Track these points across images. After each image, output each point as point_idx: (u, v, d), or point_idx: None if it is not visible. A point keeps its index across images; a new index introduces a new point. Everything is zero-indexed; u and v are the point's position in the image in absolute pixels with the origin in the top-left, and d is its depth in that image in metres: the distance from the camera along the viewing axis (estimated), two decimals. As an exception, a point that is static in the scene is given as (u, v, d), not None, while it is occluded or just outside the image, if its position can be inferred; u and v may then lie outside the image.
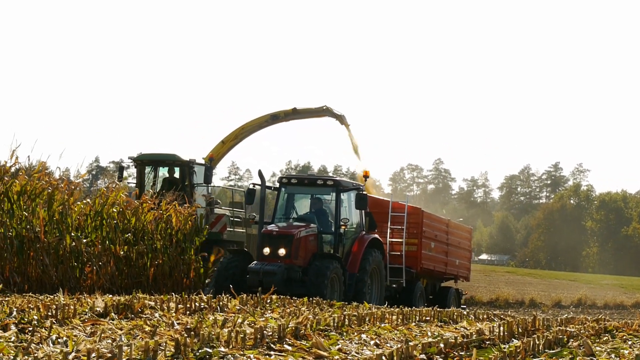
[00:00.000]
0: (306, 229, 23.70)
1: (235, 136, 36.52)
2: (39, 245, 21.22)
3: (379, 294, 24.99)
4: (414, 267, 27.12)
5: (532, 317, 14.34)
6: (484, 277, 68.33)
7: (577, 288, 61.38)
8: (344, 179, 25.43)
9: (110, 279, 22.56)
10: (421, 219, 27.61)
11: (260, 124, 37.03)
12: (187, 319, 11.96)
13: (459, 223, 33.22)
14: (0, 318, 10.32)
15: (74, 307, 11.35)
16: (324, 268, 22.62)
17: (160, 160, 28.93)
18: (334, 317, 12.70)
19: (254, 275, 22.78)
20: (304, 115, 37.78)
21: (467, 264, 32.09)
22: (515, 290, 54.11)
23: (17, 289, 19.65)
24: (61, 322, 10.69)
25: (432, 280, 29.60)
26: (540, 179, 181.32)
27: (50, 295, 15.69)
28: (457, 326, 14.58)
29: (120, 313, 12.01)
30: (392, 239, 26.90)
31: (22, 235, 20.97)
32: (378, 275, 25.00)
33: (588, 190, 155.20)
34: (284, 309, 14.74)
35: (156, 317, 12.00)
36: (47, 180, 22.22)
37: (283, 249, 23.14)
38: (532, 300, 49.99)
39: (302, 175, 25.49)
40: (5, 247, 20.47)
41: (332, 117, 37.61)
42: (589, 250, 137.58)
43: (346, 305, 17.33)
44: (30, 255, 21.14)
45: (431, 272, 28.49)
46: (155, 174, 28.96)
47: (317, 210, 24.67)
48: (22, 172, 21.77)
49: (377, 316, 13.97)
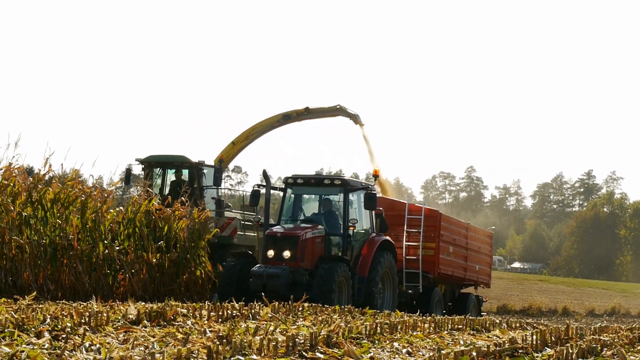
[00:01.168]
0: (313, 230, 22.79)
1: (246, 137, 35.40)
2: (72, 253, 21.36)
3: (391, 299, 24.13)
4: (431, 272, 26.36)
5: (565, 325, 14.25)
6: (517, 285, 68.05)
7: (611, 296, 60.97)
8: (353, 178, 24.50)
9: (143, 286, 22.66)
10: (439, 222, 26.82)
11: (272, 124, 35.89)
12: (219, 327, 11.97)
13: (479, 227, 32.60)
14: (34, 325, 10.38)
15: (106, 315, 11.40)
16: (332, 271, 21.74)
17: (168, 162, 28.07)
18: (365, 325, 12.68)
19: (257, 278, 21.86)
20: (317, 115, 36.55)
21: (488, 269, 31.29)
22: (548, 299, 53.81)
23: (50, 296, 19.78)
24: (94, 329, 10.73)
25: (451, 286, 28.86)
26: (573, 187, 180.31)
27: (84, 302, 15.76)
28: (489, 334, 14.51)
29: (153, 320, 12.04)
30: (408, 243, 26.15)
31: (56, 242, 21.12)
32: (390, 280, 24.10)
33: (622, 198, 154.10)
34: (316, 317, 14.73)
35: (188, 325, 12.02)
36: (81, 188, 22.37)
37: (288, 251, 22.20)
38: (565, 308, 49.67)
39: (309, 175, 24.61)
40: (39, 255, 20.62)
41: (345, 116, 36.51)
42: (623, 258, 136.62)
43: (378, 313, 17.28)
44: (63, 262, 21.29)
45: (449, 277, 27.74)
46: (164, 177, 28.11)
47: (325, 211, 23.80)
48: (55, 180, 21.93)
49: (409, 324, 13.93)
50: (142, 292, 22.44)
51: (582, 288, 74.31)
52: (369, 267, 23.22)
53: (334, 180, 23.70)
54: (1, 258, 19.96)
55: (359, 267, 23.22)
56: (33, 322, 10.54)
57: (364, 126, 36.65)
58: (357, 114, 36.57)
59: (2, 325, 10.02)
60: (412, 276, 25.88)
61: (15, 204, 20.81)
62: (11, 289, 19.64)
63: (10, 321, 10.30)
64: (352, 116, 36.49)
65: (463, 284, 29.55)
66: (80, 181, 23.04)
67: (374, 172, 25.47)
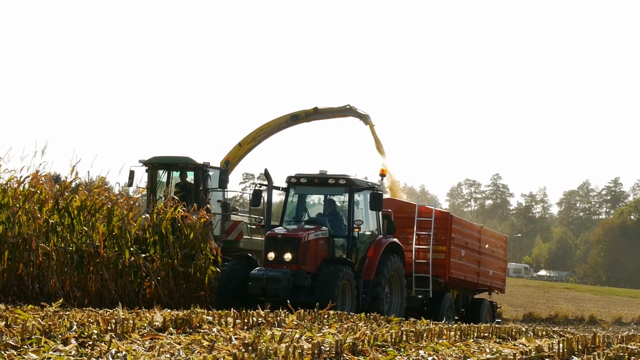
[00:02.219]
0: (316, 231, 21.87)
1: (253, 138, 34.30)
2: (99, 260, 21.46)
3: (399, 304, 23.22)
4: (441, 276, 25.47)
5: (592, 334, 14.18)
6: (543, 293, 67.70)
7: (638, 305, 60.56)
8: (359, 177, 23.36)
9: (169, 293, 22.71)
10: (450, 224, 25.87)
11: (280, 124, 34.73)
12: (245, 334, 11.99)
13: (493, 230, 31.95)
14: (60, 332, 10.43)
15: (133, 322, 11.44)
16: (334, 274, 20.87)
17: (172, 163, 26.93)
18: (391, 332, 12.66)
19: (256, 282, 21.01)
20: (326, 115, 35.41)
21: (502, 274, 30.22)
22: (575, 307, 53.52)
23: (77, 303, 19.88)
24: (120, 336, 10.77)
25: (464, 291, 27.90)
26: (600, 194, 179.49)
27: (110, 309, 15.83)
28: (515, 343, 14.45)
29: (179, 328, 12.07)
30: (418, 246, 25.31)
31: (82, 250, 21.24)
32: (398, 284, 23.19)
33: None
34: (341, 325, 14.72)
35: (214, 332, 12.04)
36: (107, 195, 22.47)
37: (289, 254, 21.28)
38: (592, 317, 49.36)
39: (312, 174, 23.25)
40: (66, 262, 20.74)
41: (355, 116, 35.22)
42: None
43: (404, 321, 17.24)
44: (89, 269, 21.40)
45: (461, 282, 26.84)
46: (169, 179, 27.09)
47: (330, 212, 22.86)
48: (82, 188, 22.05)
49: (434, 332, 13.89)
50: (168, 299, 22.49)
51: (608, 296, 73.86)
52: (375, 270, 22.39)
53: (339, 180, 22.70)
54: (28, 265, 20.09)
55: (365, 270, 22.40)
56: (60, 329, 10.59)
57: (374, 126, 35.31)
58: (367, 114, 35.36)
59: (29, 332, 10.08)
60: (422, 280, 25.05)
61: (42, 212, 20.94)
62: (38, 296, 19.76)
63: (38, 328, 10.35)
64: (362, 116, 35.27)
65: (476, 290, 28.71)
66: (107, 188, 23.15)
67: (380, 171, 24.19)
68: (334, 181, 22.67)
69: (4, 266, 19.79)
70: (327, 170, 23.00)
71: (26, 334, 9.97)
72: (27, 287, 20.03)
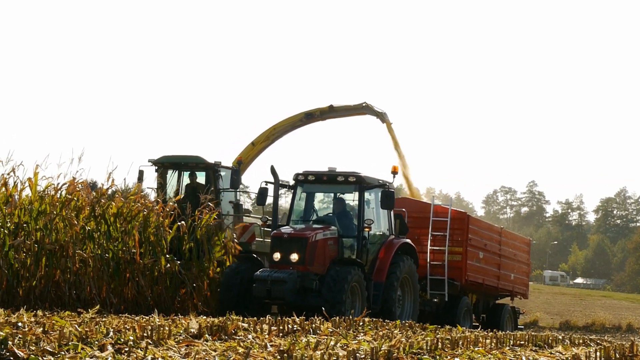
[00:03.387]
0: (324, 231, 20.99)
1: (267, 137, 33.18)
2: (135, 267, 21.56)
3: (412, 308, 22.35)
4: (457, 279, 24.52)
5: (629, 342, 14.06)
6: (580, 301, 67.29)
7: (677, 313, 60.01)
8: (370, 175, 22.22)
9: (204, 300, 22.76)
10: (466, 225, 24.88)
11: (294, 123, 33.53)
12: (280, 341, 11.99)
13: (515, 233, 30.88)
14: (97, 338, 10.48)
15: (168, 328, 11.48)
16: (343, 276, 20.04)
17: (182, 163, 25.94)
18: (426, 340, 12.62)
19: (261, 283, 20.21)
20: (341, 113, 34.14)
21: (525, 279, 29.08)
22: (612, 315, 53.10)
23: (113, 309, 19.98)
24: (156, 342, 10.81)
25: (484, 296, 27.04)
26: (637, 201, 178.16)
27: (146, 316, 15.90)
28: (552, 351, 14.36)
29: (214, 334, 12.10)
30: (433, 247, 24.38)
31: (119, 256, 21.36)
32: (410, 286, 22.33)
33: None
34: (377, 332, 14.69)
35: (249, 339, 12.05)
36: (143, 202, 22.56)
37: (296, 254, 20.42)
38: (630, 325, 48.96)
39: (321, 171, 22.24)
40: (102, 268, 20.85)
41: (372, 114, 33.80)
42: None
43: (439, 328, 17.19)
44: (126, 276, 21.51)
45: (480, 286, 25.84)
46: (180, 179, 26.06)
47: (339, 211, 21.98)
48: (118, 195, 22.16)
49: (470, 340, 13.84)
50: (203, 305, 22.55)
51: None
52: (386, 272, 21.54)
53: (348, 177, 21.75)
54: (65, 272, 20.24)
55: (376, 272, 21.58)
56: (96, 335, 10.65)
57: (391, 125, 33.92)
58: (385, 112, 33.96)
59: (66, 339, 10.14)
60: (437, 283, 24.20)
61: (79, 218, 21.08)
62: (75, 302, 19.91)
63: (74, 334, 10.42)
64: (379, 114, 33.85)
65: (497, 294, 27.77)
66: (143, 195, 23.25)
67: (392, 168, 22.68)
68: (343, 178, 21.81)
69: (42, 273, 19.95)
70: (336, 167, 22.22)
71: (63, 340, 10.03)
72: (64, 294, 20.18)
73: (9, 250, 19.46)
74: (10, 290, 19.34)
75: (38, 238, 20.04)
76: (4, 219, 19.73)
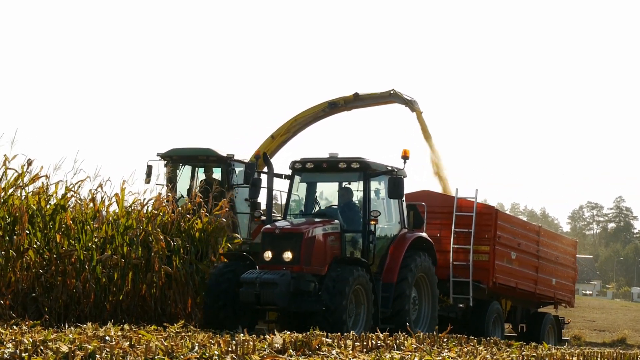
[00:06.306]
0: (323, 225, 18.65)
1: (287, 129, 30.39)
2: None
3: (429, 312, 19.94)
4: (484, 282, 22.09)
5: None
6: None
7: None
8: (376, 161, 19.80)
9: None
10: (494, 221, 22.39)
11: (317, 113, 30.65)
12: (364, 357, 11.97)
13: (558, 233, 28.08)
14: (182, 352, 10.58)
15: (253, 344, 11.54)
16: (343, 277, 17.63)
17: (192, 156, 23.98)
18: (512, 357, 12.49)
19: (248, 287, 17.84)
20: (367, 102, 31.26)
21: (570, 285, 26.34)
22: None
23: (198, 324, 20.13)
24: (241, 357, 10.87)
25: (522, 303, 24.64)
26: None
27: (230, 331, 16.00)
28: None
29: (298, 350, 12.13)
30: (456, 246, 22.05)
31: (203, 272, 21.49)
32: (428, 288, 19.90)
33: None
34: (461, 348, 14.59)
35: (333, 355, 12.05)
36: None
37: (289, 252, 18.07)
38: None
39: (320, 157, 19.93)
40: (187, 283, 21.03)
41: (401, 103, 30.90)
42: None
43: (524, 345, 16.97)
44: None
45: (512, 290, 23.29)
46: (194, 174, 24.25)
47: (344, 203, 19.60)
48: (203, 210, 22.25)
49: (556, 357, 13.66)
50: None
51: None
52: (397, 271, 19.12)
53: (351, 164, 19.31)
54: (151, 286, 20.46)
55: (385, 272, 19.16)
56: (182, 350, 10.75)
57: (422, 113, 31.00)
58: (414, 99, 31.12)
59: (152, 353, 10.25)
60: (461, 286, 21.92)
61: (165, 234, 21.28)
62: (160, 317, 20.09)
63: (160, 348, 10.53)
64: (409, 102, 30.97)
65: (539, 302, 25.26)
66: (227, 211, 23.34)
67: (403, 152, 20.07)
68: (345, 165, 19.38)
69: (128, 287, 20.20)
70: (337, 153, 19.91)
71: (149, 354, 10.15)
72: (150, 308, 20.39)
73: (97, 265, 19.73)
74: (98, 304, 19.59)
75: (125, 253, 20.30)
76: (92, 234, 20.01)
